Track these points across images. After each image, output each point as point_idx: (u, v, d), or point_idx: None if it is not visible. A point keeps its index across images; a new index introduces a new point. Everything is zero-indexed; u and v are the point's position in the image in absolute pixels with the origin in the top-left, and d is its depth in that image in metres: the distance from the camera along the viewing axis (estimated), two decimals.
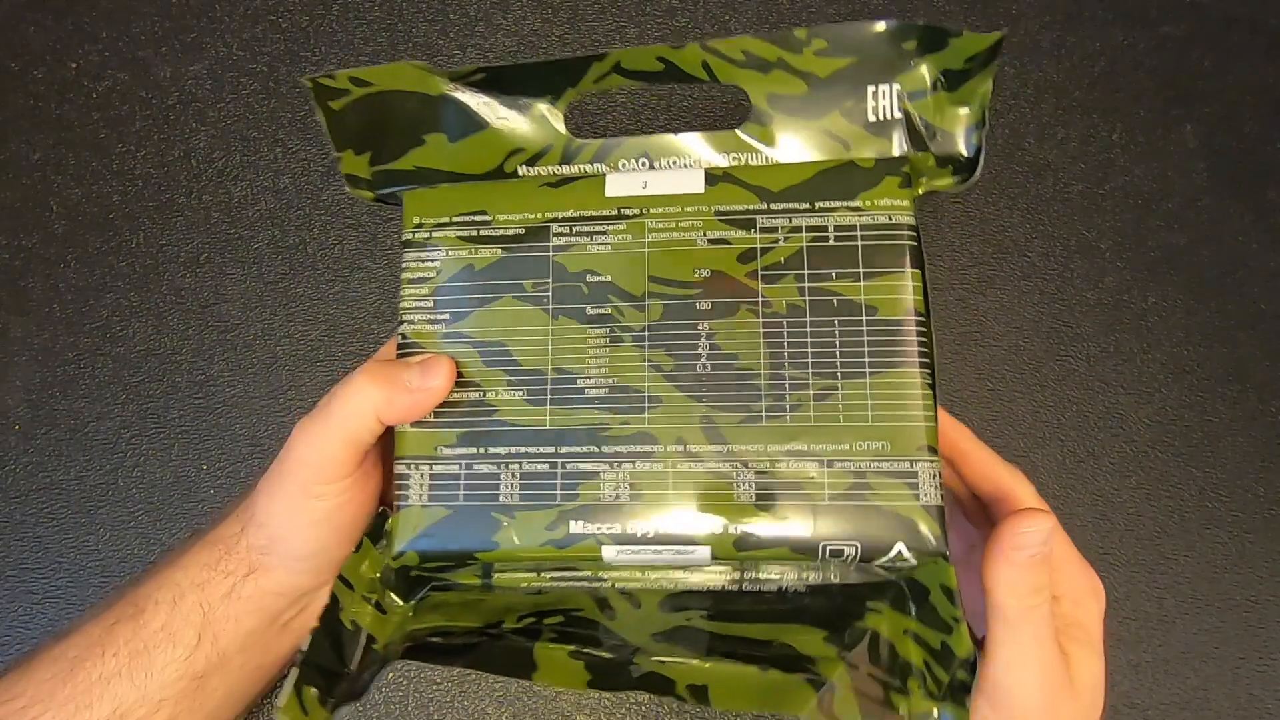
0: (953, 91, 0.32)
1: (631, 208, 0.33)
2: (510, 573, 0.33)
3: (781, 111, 0.33)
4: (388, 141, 0.34)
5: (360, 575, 0.32)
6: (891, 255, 0.32)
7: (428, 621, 0.33)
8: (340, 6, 0.45)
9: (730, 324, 0.31)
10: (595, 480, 0.31)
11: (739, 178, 0.33)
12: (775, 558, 0.30)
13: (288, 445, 0.31)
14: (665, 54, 0.32)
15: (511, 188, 0.34)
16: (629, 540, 0.30)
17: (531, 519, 0.31)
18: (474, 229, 0.33)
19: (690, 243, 0.32)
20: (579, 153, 0.34)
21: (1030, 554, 0.29)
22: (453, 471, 0.31)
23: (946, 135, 0.33)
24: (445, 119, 0.34)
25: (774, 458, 0.30)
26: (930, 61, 0.32)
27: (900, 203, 0.32)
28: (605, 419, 0.31)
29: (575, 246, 0.33)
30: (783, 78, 0.33)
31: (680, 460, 0.31)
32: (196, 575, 0.32)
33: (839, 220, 0.32)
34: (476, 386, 0.32)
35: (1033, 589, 0.29)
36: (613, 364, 0.31)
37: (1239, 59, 0.46)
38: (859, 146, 0.33)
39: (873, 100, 0.33)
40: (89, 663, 0.31)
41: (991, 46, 0.31)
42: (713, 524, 0.30)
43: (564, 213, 0.33)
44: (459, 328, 0.32)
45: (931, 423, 0.30)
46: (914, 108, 0.33)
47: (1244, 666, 0.40)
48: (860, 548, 0.30)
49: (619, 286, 0.32)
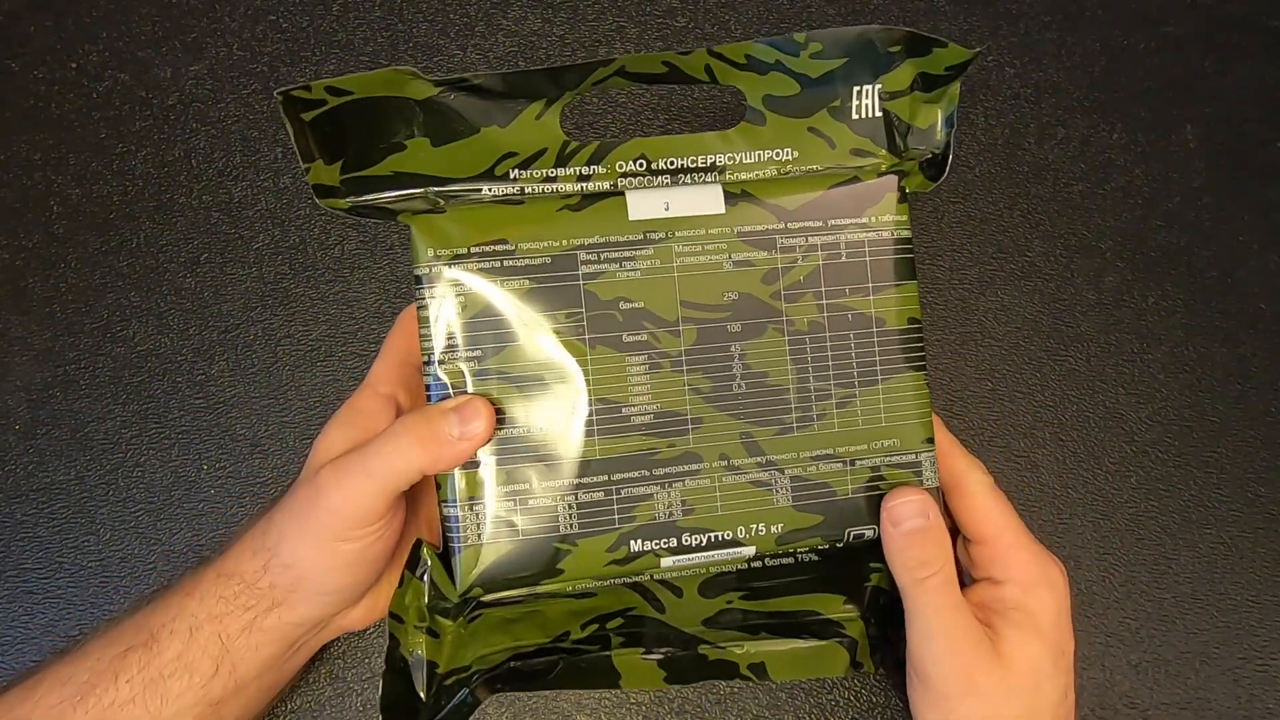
0: (928, 92, 0.34)
1: (656, 231, 0.33)
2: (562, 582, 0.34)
3: (774, 110, 0.34)
4: (361, 148, 0.32)
5: (407, 607, 0.32)
6: (895, 269, 0.34)
7: (494, 645, 0.34)
8: (340, 6, 0.45)
9: (759, 344, 0.33)
10: (649, 501, 0.32)
11: (756, 195, 0.34)
12: (808, 547, 0.33)
13: (318, 490, 0.31)
14: (670, 59, 0.32)
15: (529, 212, 0.33)
16: (684, 550, 0.32)
17: (593, 543, 0.32)
18: (496, 260, 0.32)
19: (717, 265, 0.33)
20: (574, 155, 0.34)
21: (907, 527, 0.32)
22: (508, 507, 0.32)
23: (919, 133, 0.35)
24: (431, 124, 0.33)
25: (805, 464, 0.33)
26: (912, 65, 0.34)
27: (900, 218, 0.34)
28: (654, 444, 0.32)
29: (605, 274, 0.33)
30: (778, 79, 0.34)
31: (724, 474, 0.33)
32: (213, 607, 0.31)
33: (849, 237, 0.34)
34: (520, 424, 0.32)
35: (919, 562, 0.31)
36: (654, 390, 0.33)
37: (1239, 59, 0.46)
38: (842, 143, 0.35)
39: (856, 99, 0.35)
40: (100, 688, 0.30)
41: (969, 60, 0.33)
42: (757, 527, 0.33)
43: (589, 239, 0.33)
44: (492, 364, 0.32)
45: (928, 416, 0.34)
46: (891, 106, 0.35)
47: (1244, 666, 0.40)
48: (878, 530, 0.33)
49: (652, 313, 0.33)
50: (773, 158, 0.35)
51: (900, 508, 0.32)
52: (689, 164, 0.34)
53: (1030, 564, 0.32)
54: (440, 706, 0.32)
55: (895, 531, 0.32)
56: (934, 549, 0.32)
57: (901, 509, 0.32)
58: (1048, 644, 0.32)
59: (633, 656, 0.34)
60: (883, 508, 0.33)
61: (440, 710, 0.32)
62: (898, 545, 0.32)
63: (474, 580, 0.32)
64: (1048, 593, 0.32)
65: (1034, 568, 0.32)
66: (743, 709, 0.38)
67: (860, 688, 0.38)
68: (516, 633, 0.34)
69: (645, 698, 0.38)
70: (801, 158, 0.35)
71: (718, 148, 0.35)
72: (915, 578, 0.31)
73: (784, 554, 0.34)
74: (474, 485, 0.32)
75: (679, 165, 0.34)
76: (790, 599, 0.35)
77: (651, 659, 0.34)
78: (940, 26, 0.47)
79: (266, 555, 0.31)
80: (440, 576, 0.32)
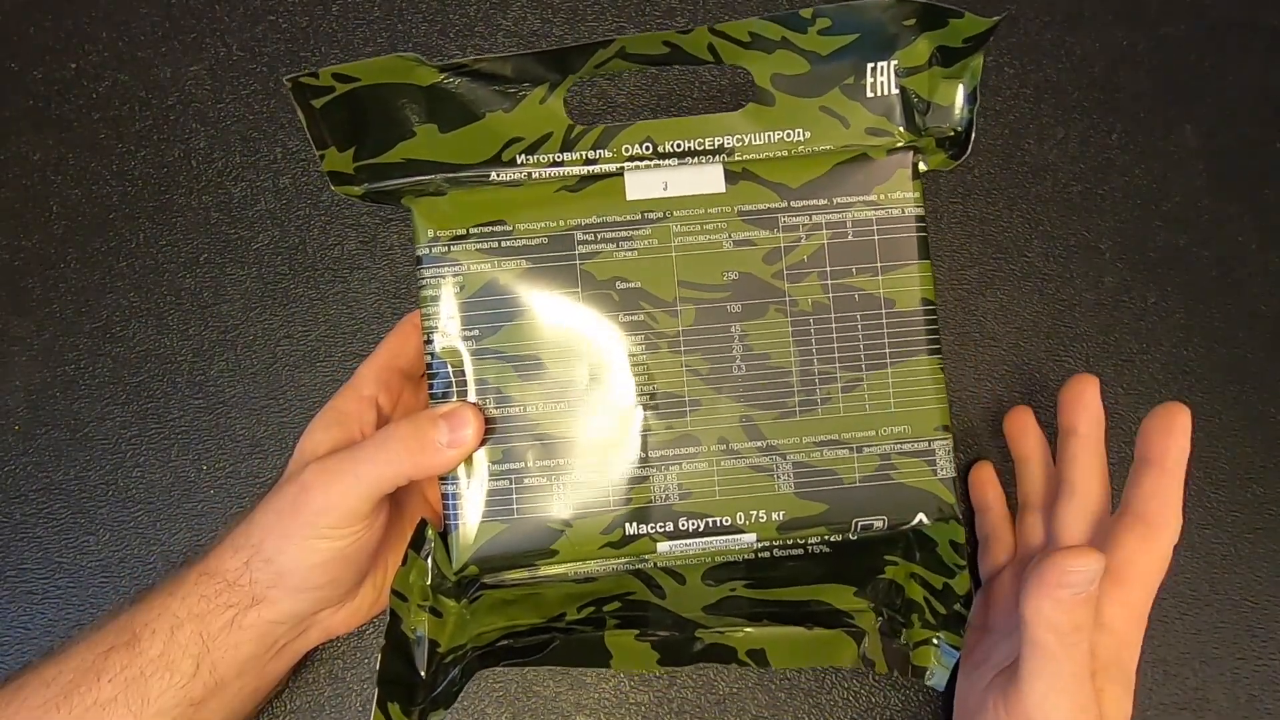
0: (947, 67, 0.33)
1: (654, 211, 0.33)
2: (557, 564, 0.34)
3: (783, 90, 0.33)
4: (373, 135, 0.33)
5: (411, 586, 0.32)
6: (906, 248, 0.33)
7: (490, 624, 0.34)
8: (340, 6, 0.45)
9: (761, 325, 0.32)
10: (645, 484, 0.32)
11: (758, 174, 0.33)
12: (813, 535, 0.33)
13: (303, 487, 0.31)
14: (671, 38, 0.32)
15: (527, 193, 0.33)
16: (681, 535, 0.32)
17: (587, 525, 0.32)
18: (494, 240, 0.33)
19: (717, 245, 0.33)
20: (580, 139, 0.33)
21: (1075, 592, 0.28)
22: (503, 487, 0.32)
23: (939, 110, 0.33)
24: (437, 110, 0.33)
25: (809, 449, 0.32)
26: (928, 38, 0.32)
27: (912, 194, 0.33)
28: (650, 425, 0.32)
29: (602, 254, 0.33)
30: (786, 57, 0.33)
31: (723, 458, 0.32)
32: (195, 606, 0.31)
33: (856, 215, 0.33)
34: (515, 402, 0.32)
35: (1074, 627, 0.29)
36: (651, 371, 0.32)
37: (1239, 59, 0.46)
38: (857, 122, 0.33)
39: (871, 77, 0.33)
40: (84, 688, 0.31)
41: (989, 29, 0.31)
42: (757, 514, 0.32)
43: (586, 219, 0.33)
44: (490, 344, 0.32)
45: (944, 403, 0.33)
46: (909, 83, 0.33)
47: (1244, 667, 0.40)
48: (888, 521, 0.32)
49: (649, 293, 0.33)
50: (783, 139, 0.34)
51: (1076, 575, 0.28)
52: (696, 147, 0.33)
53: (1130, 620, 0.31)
54: (436, 684, 0.32)
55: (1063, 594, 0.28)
56: (1090, 614, 0.29)
57: (1076, 576, 0.28)
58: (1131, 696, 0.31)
59: (626, 638, 0.34)
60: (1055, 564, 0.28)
61: (436, 689, 0.32)
62: (1058, 609, 0.28)
63: (469, 558, 0.32)
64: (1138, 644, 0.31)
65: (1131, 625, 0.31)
66: (742, 709, 0.38)
67: (860, 688, 0.38)
68: (512, 614, 0.34)
69: (645, 698, 0.38)
70: (814, 138, 0.33)
71: (725, 129, 0.34)
72: (1067, 642, 0.29)
73: (792, 544, 0.34)
74: (471, 464, 0.32)
75: (686, 148, 0.33)
76: (798, 589, 0.35)
77: (645, 641, 0.34)
78: None
79: (249, 552, 0.31)
80: (441, 555, 0.32)
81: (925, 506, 0.32)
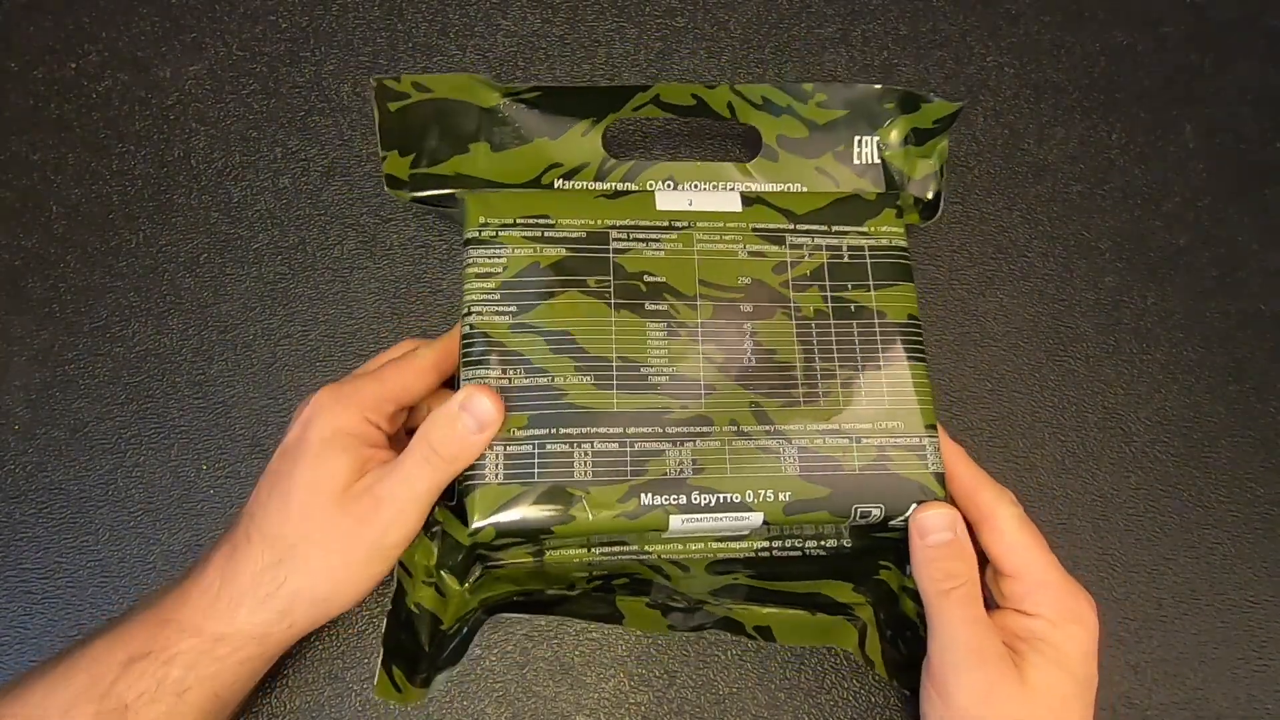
0: (919, 146, 0.40)
1: (680, 220, 0.37)
2: (562, 550, 0.36)
3: (786, 149, 0.41)
4: (434, 146, 0.38)
5: (416, 563, 0.35)
6: (893, 270, 0.38)
7: (498, 590, 0.35)
8: (340, 6, 0.45)
9: (769, 324, 0.36)
10: (661, 457, 0.34)
11: (769, 201, 0.38)
12: (816, 521, 0.34)
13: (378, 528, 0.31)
14: (699, 92, 0.39)
15: (568, 197, 0.38)
16: (693, 509, 0.33)
17: (605, 493, 0.33)
18: (539, 230, 0.36)
19: (733, 253, 0.37)
20: (612, 170, 0.40)
21: (934, 540, 0.33)
22: (526, 451, 0.33)
23: (914, 182, 0.41)
24: (492, 130, 0.39)
25: (812, 436, 0.35)
26: (904, 121, 0.40)
27: (897, 229, 0.38)
28: (667, 403, 0.34)
29: (633, 250, 0.36)
30: (790, 122, 0.40)
31: (734, 439, 0.34)
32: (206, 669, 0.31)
33: (851, 242, 0.38)
34: (545, 373, 0.34)
35: (945, 574, 0.32)
36: (671, 354, 0.35)
37: (1239, 59, 0.46)
38: (845, 183, 0.41)
39: (858, 147, 0.41)
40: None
41: (954, 113, 0.39)
42: (765, 493, 0.34)
43: (621, 221, 0.37)
44: (526, 319, 0.35)
45: (930, 405, 0.36)
46: (888, 157, 0.41)
47: (1244, 666, 0.40)
48: (884, 509, 0.34)
49: (673, 287, 0.36)
50: (785, 190, 0.40)
51: (928, 520, 0.33)
52: (711, 188, 0.40)
53: (1062, 599, 0.32)
54: (440, 654, 0.34)
55: (922, 543, 0.33)
56: (960, 563, 0.32)
57: (929, 520, 0.33)
58: (1075, 678, 0.31)
59: (637, 603, 0.35)
60: (911, 520, 0.34)
61: (439, 657, 0.34)
62: (924, 557, 0.33)
63: (486, 520, 0.33)
64: (1078, 628, 0.32)
65: (1065, 603, 0.32)
66: (742, 709, 0.38)
67: (860, 688, 0.38)
68: (521, 582, 0.36)
69: (645, 698, 0.38)
70: (809, 191, 0.40)
71: (737, 177, 0.40)
72: (941, 589, 0.32)
73: (791, 545, 0.36)
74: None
75: (703, 188, 0.40)
76: (799, 583, 0.37)
77: (655, 608, 0.35)
78: (940, 26, 0.47)
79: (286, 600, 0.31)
80: (453, 524, 0.35)
81: (917, 497, 0.34)
